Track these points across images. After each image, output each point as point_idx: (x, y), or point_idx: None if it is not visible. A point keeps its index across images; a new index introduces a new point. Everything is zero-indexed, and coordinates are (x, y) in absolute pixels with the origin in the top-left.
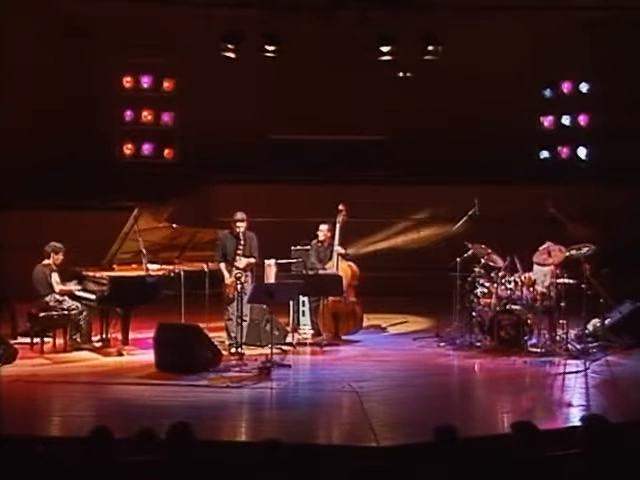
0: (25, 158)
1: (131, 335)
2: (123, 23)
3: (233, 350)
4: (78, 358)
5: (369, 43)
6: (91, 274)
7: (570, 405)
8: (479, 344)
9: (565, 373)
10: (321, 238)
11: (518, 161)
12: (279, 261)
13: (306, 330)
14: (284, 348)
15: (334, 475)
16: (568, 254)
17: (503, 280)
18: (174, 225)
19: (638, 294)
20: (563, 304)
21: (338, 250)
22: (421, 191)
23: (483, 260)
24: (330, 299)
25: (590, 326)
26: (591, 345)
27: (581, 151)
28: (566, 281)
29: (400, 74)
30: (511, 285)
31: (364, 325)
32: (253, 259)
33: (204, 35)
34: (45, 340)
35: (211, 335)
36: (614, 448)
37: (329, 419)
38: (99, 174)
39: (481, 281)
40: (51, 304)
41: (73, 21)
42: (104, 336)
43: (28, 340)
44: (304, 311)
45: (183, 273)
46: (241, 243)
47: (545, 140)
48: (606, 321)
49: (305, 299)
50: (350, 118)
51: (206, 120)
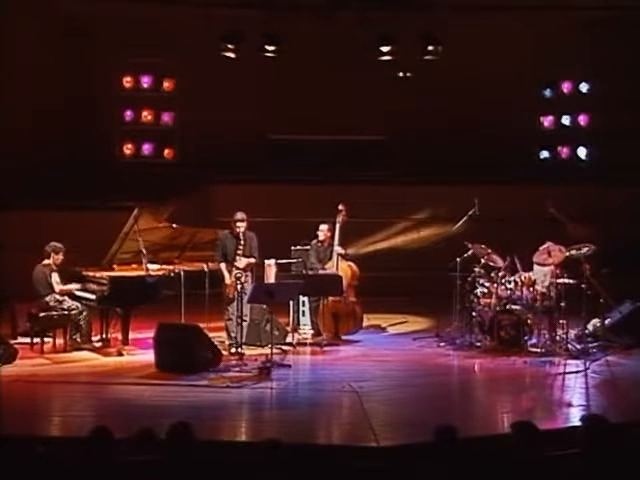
0: (25, 158)
1: (131, 335)
2: (123, 23)
3: (233, 350)
4: (78, 358)
5: (369, 43)
6: (91, 274)
7: (570, 405)
8: (479, 344)
9: (565, 373)
10: (321, 238)
11: (518, 161)
12: (279, 261)
13: (306, 330)
14: (284, 348)
15: (334, 475)
16: (568, 254)
17: (503, 280)
18: (174, 225)
19: (638, 294)
20: (563, 304)
21: (338, 250)
22: (421, 191)
23: (483, 260)
24: (330, 299)
25: (590, 326)
26: (591, 345)
27: (581, 151)
28: (566, 281)
29: (400, 74)
30: (511, 285)
31: (364, 325)
32: (253, 259)
33: (204, 35)
34: (45, 340)
35: (211, 335)
36: (614, 448)
37: (329, 419)
38: (99, 174)
39: (481, 281)
40: (51, 304)
41: (73, 21)
42: (104, 336)
43: (28, 340)
44: (304, 311)
45: (183, 273)
46: (241, 243)
47: (545, 140)
48: (606, 321)
49: (305, 299)
50: (350, 118)
51: (206, 120)
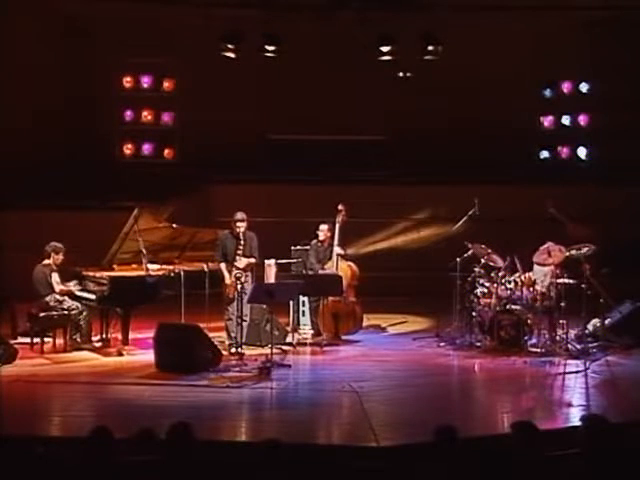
0: (25, 158)
1: (131, 335)
2: (123, 23)
3: (233, 350)
4: (78, 358)
5: (369, 43)
6: (91, 274)
7: (570, 405)
8: (479, 344)
9: (565, 373)
10: (321, 238)
11: (518, 161)
12: (279, 261)
13: (306, 330)
14: (284, 348)
15: (334, 475)
16: (568, 254)
17: (503, 280)
18: (174, 225)
19: (638, 294)
20: (563, 304)
21: (337, 250)
22: (421, 191)
23: (483, 260)
24: (330, 299)
25: (590, 326)
26: (591, 345)
27: (581, 151)
28: (566, 281)
29: (400, 74)
30: (511, 285)
31: (364, 325)
32: (253, 259)
33: (204, 35)
34: (45, 340)
35: (211, 335)
36: (614, 448)
37: (329, 419)
38: (99, 174)
39: (481, 281)
40: (51, 304)
41: (73, 21)
42: (104, 336)
43: (28, 340)
44: (304, 311)
45: (183, 273)
46: (241, 243)
47: (545, 140)
48: (606, 321)
49: (305, 299)
50: (350, 118)
51: (206, 120)
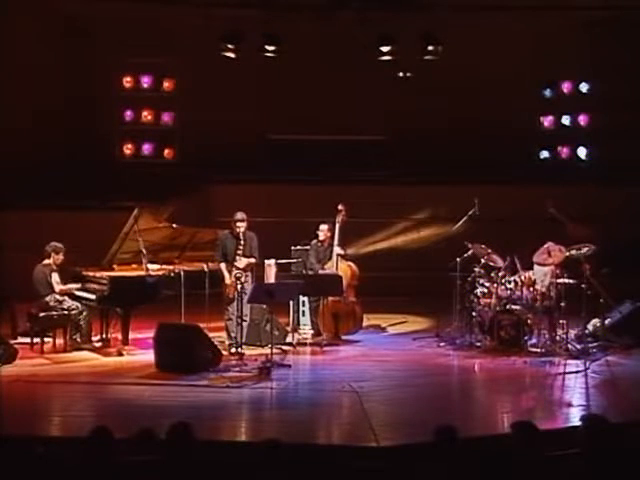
0: (25, 158)
1: (131, 335)
2: (123, 23)
3: (233, 350)
4: (78, 358)
5: (369, 43)
6: (91, 274)
7: (570, 405)
8: (479, 344)
9: (565, 373)
10: (321, 238)
11: (518, 161)
12: (279, 261)
13: (306, 330)
14: (284, 348)
15: (334, 475)
16: (568, 254)
17: (503, 280)
18: (174, 225)
19: (638, 294)
20: (563, 304)
21: (337, 250)
22: (421, 191)
23: (483, 260)
24: (330, 299)
25: (590, 326)
26: (591, 345)
27: (581, 151)
28: (566, 281)
29: (400, 74)
30: (511, 285)
31: (364, 325)
32: (253, 259)
33: (204, 35)
34: (45, 340)
35: (211, 335)
36: (614, 448)
37: (329, 419)
38: (99, 174)
39: (481, 281)
40: (51, 304)
41: (73, 21)
42: (104, 336)
43: (28, 340)
44: (304, 311)
45: (183, 273)
46: (241, 243)
47: (545, 140)
48: (606, 321)
49: (305, 299)
50: (350, 118)
51: (206, 120)
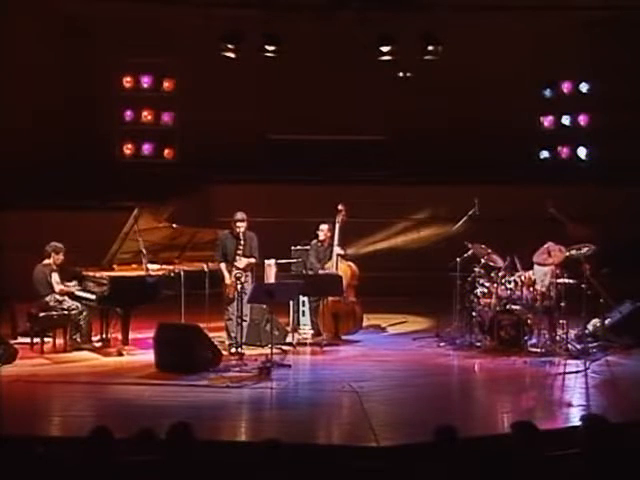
0: (25, 158)
1: (131, 335)
2: (123, 23)
3: (233, 350)
4: (78, 358)
5: (369, 43)
6: (91, 274)
7: (570, 405)
8: (479, 344)
9: (565, 373)
10: (321, 238)
11: (518, 161)
12: (279, 261)
13: (306, 330)
14: (284, 348)
15: (334, 475)
16: (568, 254)
17: (503, 280)
18: (174, 225)
19: (638, 294)
20: (563, 304)
21: (337, 250)
22: (421, 191)
23: (483, 260)
24: (330, 299)
25: (590, 326)
26: (591, 345)
27: (581, 151)
28: (566, 281)
29: (400, 74)
30: (511, 285)
31: (364, 325)
32: (253, 259)
33: (204, 35)
34: (45, 340)
35: (211, 335)
36: (614, 448)
37: (329, 419)
38: (99, 174)
39: (481, 281)
40: (51, 304)
41: (73, 21)
42: (104, 336)
43: (28, 340)
44: (304, 311)
45: (183, 273)
46: (241, 243)
47: (545, 140)
48: (606, 321)
49: (305, 299)
50: (350, 118)
51: (206, 120)
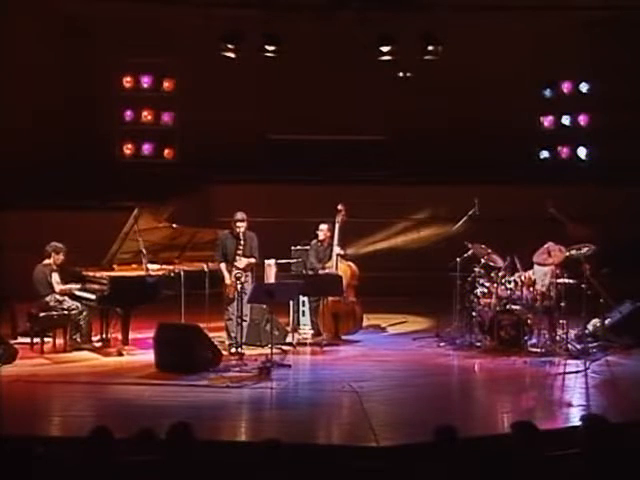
0: (25, 158)
1: (131, 335)
2: (123, 23)
3: (233, 350)
4: (78, 358)
5: (369, 43)
6: (91, 274)
7: (570, 405)
8: (479, 344)
9: (565, 373)
10: (321, 238)
11: (518, 161)
12: (279, 261)
13: (306, 330)
14: (284, 348)
15: (334, 475)
16: (568, 254)
17: (503, 280)
18: (174, 225)
19: (638, 294)
20: (563, 304)
21: (337, 250)
22: (421, 191)
23: (483, 260)
24: (330, 299)
25: (590, 326)
26: (591, 345)
27: (581, 151)
28: (566, 281)
29: (400, 74)
30: (511, 285)
31: (364, 325)
32: (253, 259)
33: (204, 35)
34: (45, 340)
35: (211, 335)
36: (614, 448)
37: (329, 419)
38: (99, 174)
39: (481, 281)
40: (51, 304)
41: (73, 21)
42: (104, 336)
43: (28, 340)
44: (304, 311)
45: (183, 273)
46: (241, 243)
47: (545, 140)
48: (606, 321)
49: (305, 299)
50: (350, 118)
51: (206, 120)
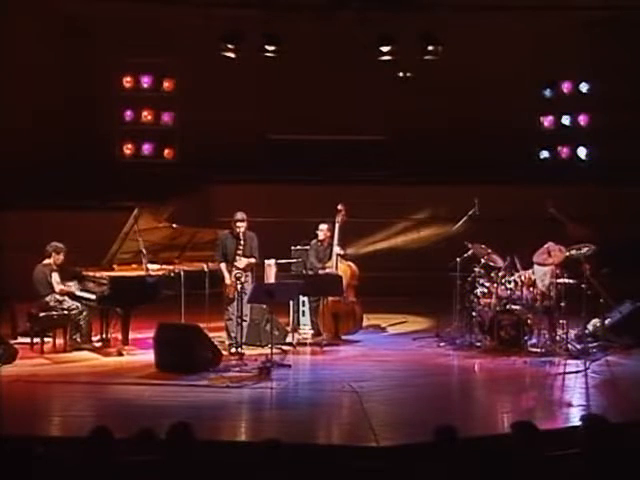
0: (25, 158)
1: (131, 335)
2: (123, 23)
3: (233, 350)
4: (78, 358)
5: (369, 43)
6: (91, 274)
7: (570, 405)
8: (479, 344)
9: (565, 373)
10: (321, 237)
11: (518, 161)
12: (279, 261)
13: (306, 330)
14: (284, 348)
15: (334, 475)
16: (568, 254)
17: (503, 280)
18: (174, 225)
19: (638, 294)
20: (563, 304)
21: (337, 250)
22: (421, 191)
23: (483, 260)
24: (330, 299)
25: (590, 326)
26: (591, 345)
27: (581, 151)
28: (566, 281)
29: (400, 74)
30: (511, 285)
31: (364, 325)
32: (253, 259)
33: (204, 35)
34: (45, 340)
35: (211, 335)
36: (614, 448)
37: (329, 419)
38: (99, 174)
39: (481, 281)
40: (51, 304)
41: (73, 21)
42: (104, 336)
43: (28, 340)
44: (304, 311)
45: (183, 273)
46: (241, 243)
47: (545, 140)
48: (606, 321)
49: (305, 299)
50: (350, 118)
51: (206, 120)
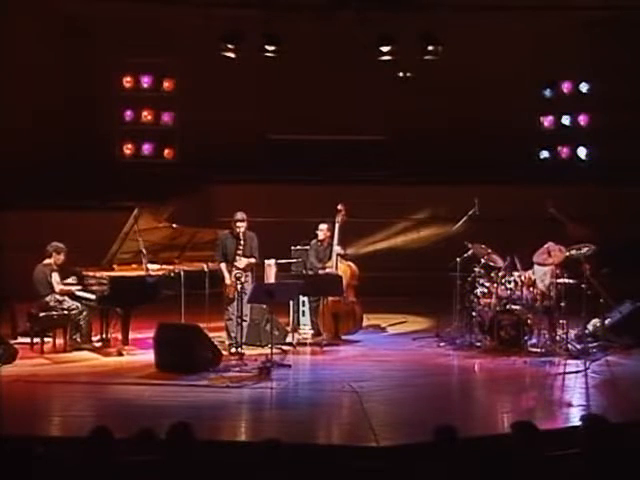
0: (25, 158)
1: (131, 335)
2: (123, 23)
3: (233, 350)
4: (78, 358)
5: (369, 43)
6: (91, 274)
7: (570, 405)
8: (479, 344)
9: (565, 373)
10: (321, 237)
11: (518, 161)
12: (279, 261)
13: (306, 330)
14: (284, 348)
15: (334, 475)
16: (568, 254)
17: (503, 280)
18: (174, 225)
19: (638, 294)
20: (563, 304)
21: (337, 250)
22: (421, 191)
23: (483, 260)
24: (330, 299)
25: (590, 326)
26: (591, 345)
27: (581, 151)
28: (566, 281)
29: (400, 74)
30: (511, 285)
31: (364, 325)
32: (253, 259)
33: (204, 35)
34: (45, 340)
35: (211, 335)
36: (614, 448)
37: (329, 419)
38: (99, 174)
39: (481, 281)
40: (51, 304)
41: (73, 21)
42: (104, 336)
43: (28, 340)
44: (304, 311)
45: (183, 273)
46: (241, 243)
47: (545, 140)
48: (606, 321)
49: (305, 299)
50: (350, 118)
51: (206, 120)
